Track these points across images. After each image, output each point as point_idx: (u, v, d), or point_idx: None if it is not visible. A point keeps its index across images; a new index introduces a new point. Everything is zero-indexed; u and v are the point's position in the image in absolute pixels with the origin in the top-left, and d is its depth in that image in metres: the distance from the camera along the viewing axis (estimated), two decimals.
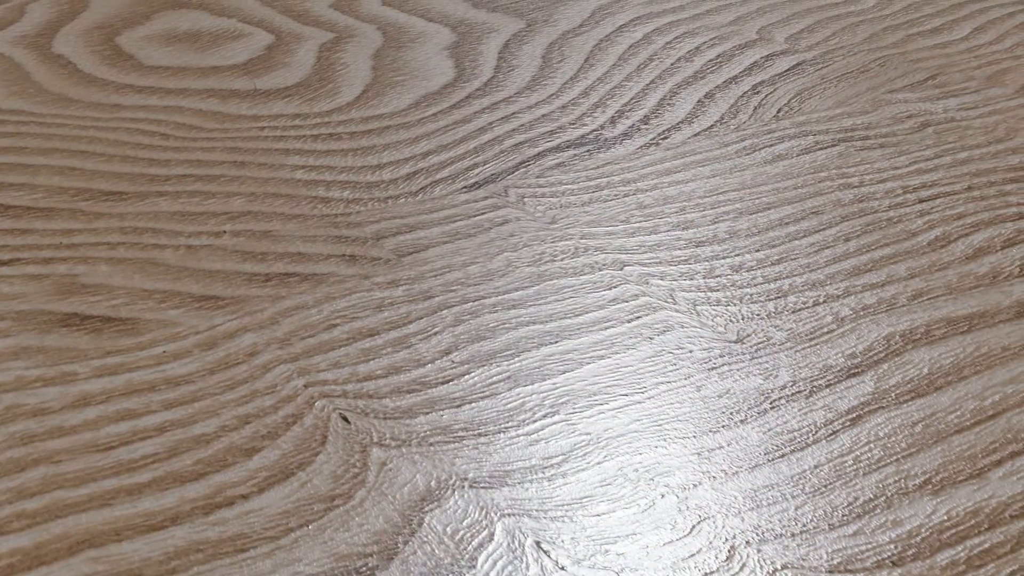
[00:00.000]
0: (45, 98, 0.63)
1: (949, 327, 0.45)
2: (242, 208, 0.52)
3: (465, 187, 0.54)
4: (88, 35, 0.71)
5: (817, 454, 0.39)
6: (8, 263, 0.48)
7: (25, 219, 0.51)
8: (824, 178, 0.55)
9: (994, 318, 0.45)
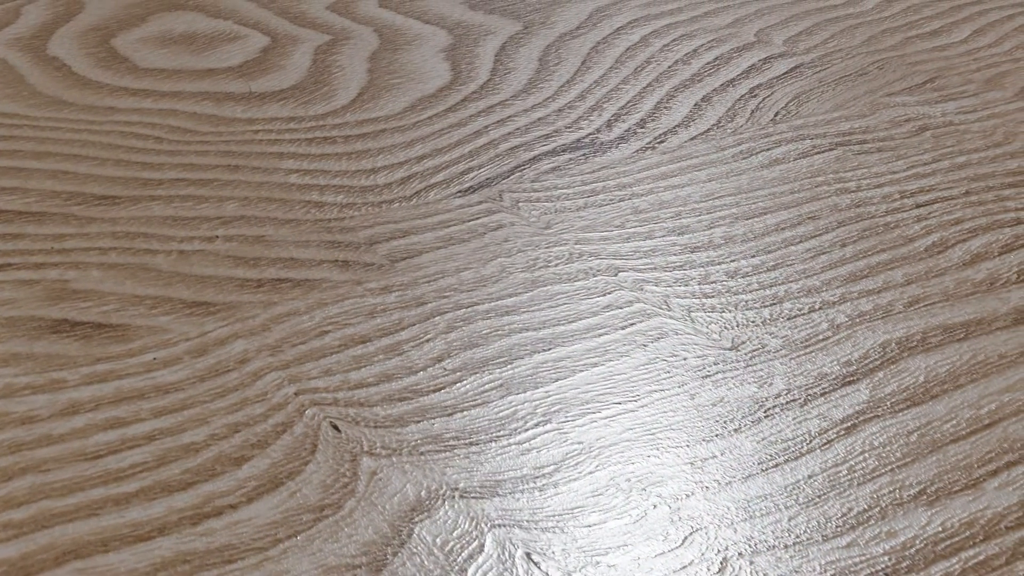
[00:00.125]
0: (39, 101, 0.63)
1: (945, 334, 0.44)
2: (235, 213, 0.52)
3: (460, 191, 0.54)
4: (83, 37, 0.71)
5: (811, 464, 0.38)
6: None
7: (17, 224, 0.51)
8: (821, 183, 0.54)
9: (991, 325, 0.45)
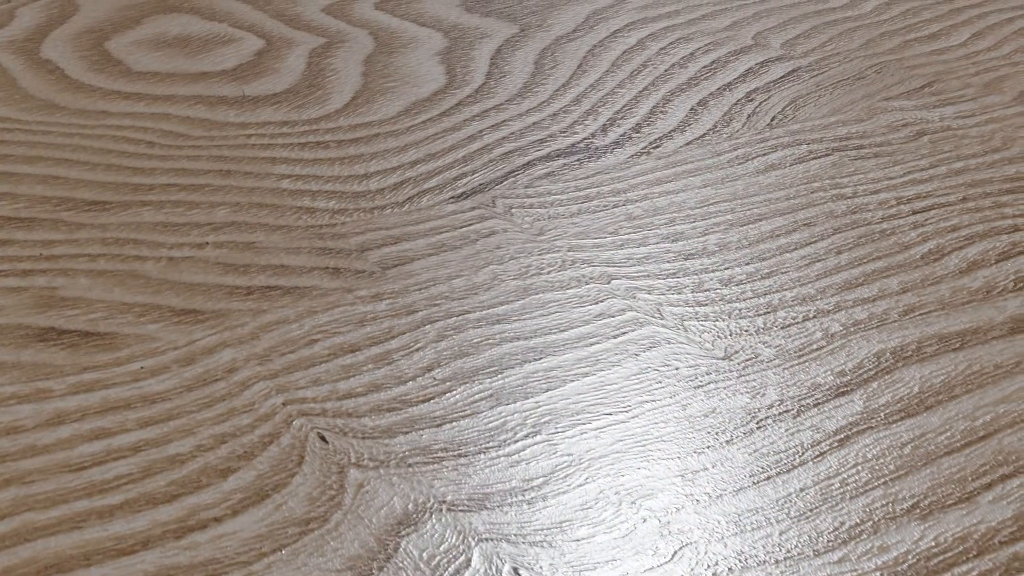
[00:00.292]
0: (31, 105, 0.62)
1: (941, 344, 0.44)
2: (226, 219, 0.52)
3: (453, 197, 0.53)
4: (77, 40, 0.70)
5: (803, 476, 0.38)
6: None
7: (6, 230, 0.51)
8: (817, 188, 0.54)
9: (987, 335, 0.44)
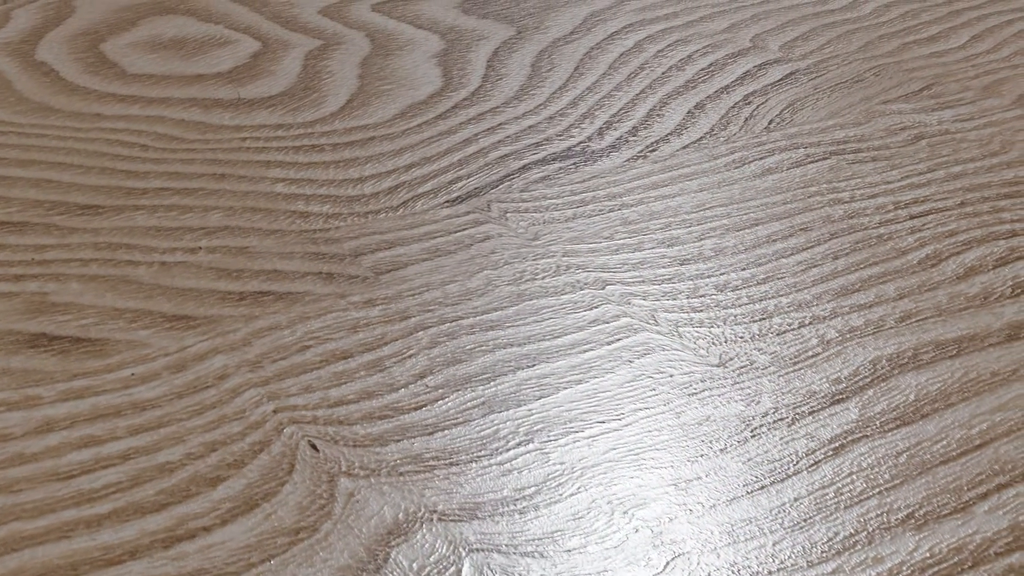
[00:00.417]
0: (25, 107, 0.62)
1: (937, 351, 0.43)
2: (219, 223, 0.51)
3: (447, 202, 0.53)
4: (72, 42, 0.70)
5: (798, 486, 0.37)
6: None
7: None
8: (814, 193, 0.54)
9: (984, 341, 0.44)
